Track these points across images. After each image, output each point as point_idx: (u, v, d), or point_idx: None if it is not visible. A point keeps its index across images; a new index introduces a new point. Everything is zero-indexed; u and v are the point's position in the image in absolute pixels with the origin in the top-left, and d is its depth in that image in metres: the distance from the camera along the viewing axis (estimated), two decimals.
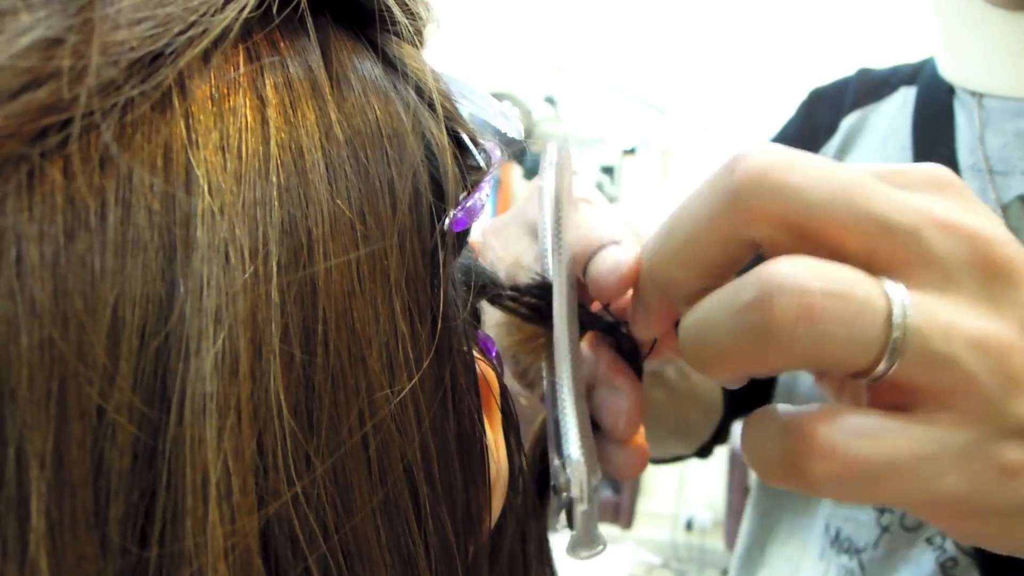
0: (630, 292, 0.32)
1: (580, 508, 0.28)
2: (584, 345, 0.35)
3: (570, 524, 0.28)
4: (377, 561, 0.21)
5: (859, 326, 0.23)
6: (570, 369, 0.29)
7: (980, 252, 0.24)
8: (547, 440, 0.30)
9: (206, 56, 0.21)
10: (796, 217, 0.24)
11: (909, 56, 0.66)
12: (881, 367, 0.24)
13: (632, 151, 3.39)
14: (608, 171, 3.35)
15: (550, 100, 3.08)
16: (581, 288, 0.34)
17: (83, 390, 0.18)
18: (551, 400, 0.30)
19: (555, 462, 0.28)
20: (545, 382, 0.31)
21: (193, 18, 0.20)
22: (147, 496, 0.18)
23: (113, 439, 0.18)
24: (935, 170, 0.27)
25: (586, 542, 0.29)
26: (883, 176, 0.26)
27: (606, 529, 3.20)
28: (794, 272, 0.22)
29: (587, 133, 3.35)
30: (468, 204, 0.27)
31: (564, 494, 0.28)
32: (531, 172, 2.67)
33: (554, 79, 3.12)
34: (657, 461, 0.68)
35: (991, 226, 0.25)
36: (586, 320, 0.34)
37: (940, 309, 0.24)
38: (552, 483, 0.29)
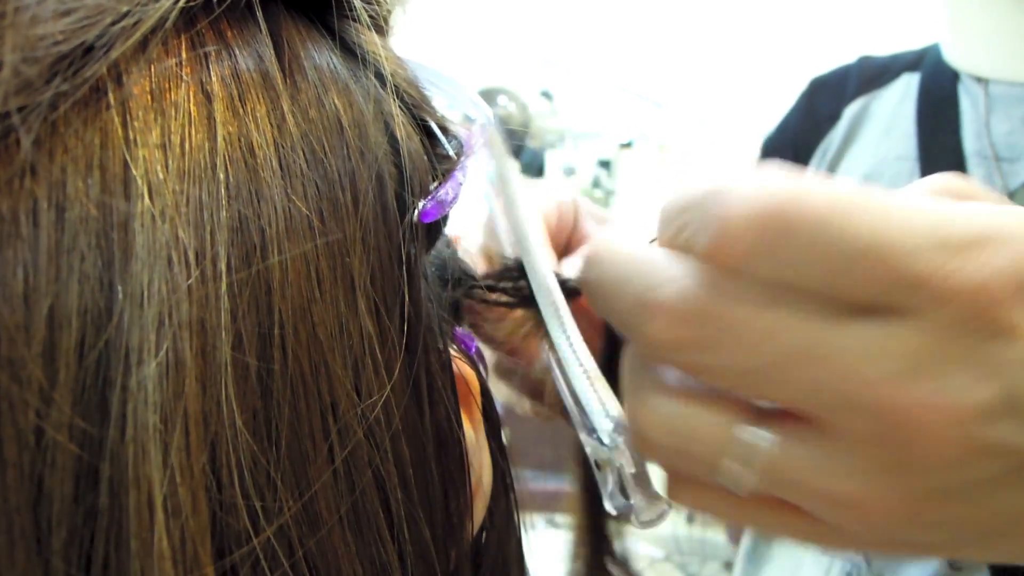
0: None
1: (629, 472, 0.26)
2: None
3: (626, 496, 0.27)
4: (347, 574, 0.20)
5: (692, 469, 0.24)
6: (572, 333, 0.27)
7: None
8: (570, 421, 0.28)
9: (143, 48, 0.19)
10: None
11: (906, 48, 0.65)
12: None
13: (629, 145, 3.37)
14: (605, 165, 3.34)
15: (546, 94, 3.07)
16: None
17: (18, 410, 0.16)
18: (562, 378, 0.28)
19: (586, 438, 0.27)
20: (551, 363, 0.29)
21: (126, 7, 0.19)
22: (92, 519, 0.17)
23: (53, 461, 0.17)
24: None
25: (647, 506, 0.27)
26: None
27: None
28: (649, 424, 0.24)
29: (584, 127, 3.33)
30: (439, 194, 0.26)
31: (608, 467, 0.26)
32: (528, 167, 2.65)
33: (550, 73, 3.10)
34: None
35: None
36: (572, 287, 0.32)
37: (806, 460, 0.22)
38: (592, 461, 0.27)
